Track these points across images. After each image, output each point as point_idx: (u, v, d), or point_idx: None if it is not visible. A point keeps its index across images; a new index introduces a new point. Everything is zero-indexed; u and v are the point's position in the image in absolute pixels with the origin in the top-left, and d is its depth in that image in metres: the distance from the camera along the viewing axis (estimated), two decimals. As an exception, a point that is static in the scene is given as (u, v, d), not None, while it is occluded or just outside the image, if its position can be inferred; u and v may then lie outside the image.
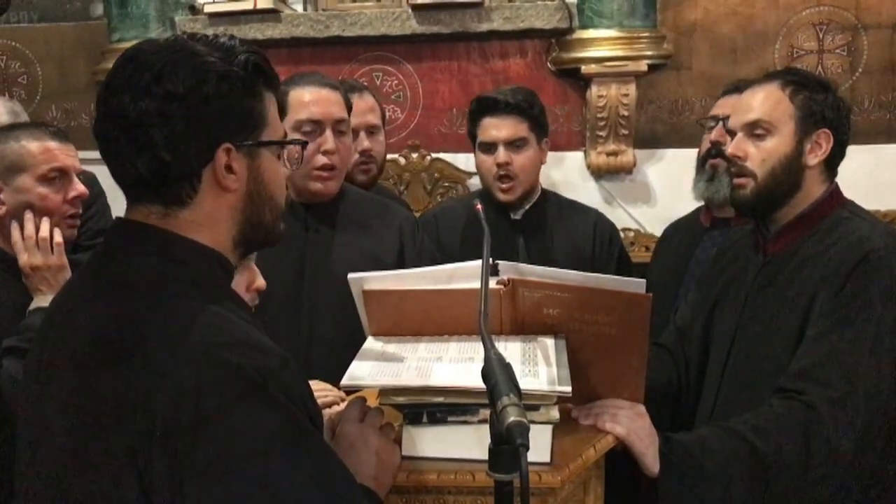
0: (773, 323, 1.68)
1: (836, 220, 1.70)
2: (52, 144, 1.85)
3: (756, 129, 1.71)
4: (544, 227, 2.48)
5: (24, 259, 1.79)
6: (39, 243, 1.80)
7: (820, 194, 1.73)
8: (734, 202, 1.79)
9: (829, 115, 1.70)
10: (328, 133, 1.96)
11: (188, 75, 1.03)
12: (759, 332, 1.71)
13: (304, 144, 1.28)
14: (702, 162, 2.39)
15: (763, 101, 1.72)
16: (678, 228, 2.57)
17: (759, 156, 1.71)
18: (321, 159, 1.96)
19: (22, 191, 1.82)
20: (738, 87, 2.26)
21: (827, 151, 1.70)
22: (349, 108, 2.07)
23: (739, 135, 1.74)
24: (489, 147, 2.39)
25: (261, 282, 1.55)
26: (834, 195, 1.74)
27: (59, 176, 1.85)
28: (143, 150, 1.03)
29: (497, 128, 2.37)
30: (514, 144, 2.38)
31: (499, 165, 2.36)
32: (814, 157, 1.70)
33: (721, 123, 2.26)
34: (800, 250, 1.70)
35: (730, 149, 1.75)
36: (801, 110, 1.69)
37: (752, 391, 1.67)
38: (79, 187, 1.88)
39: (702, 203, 2.45)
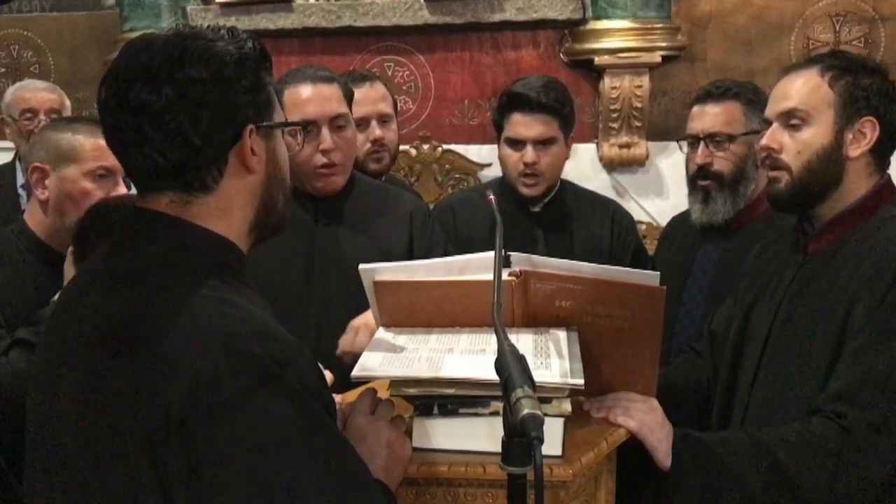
0: (808, 329, 1.56)
1: (883, 218, 1.56)
2: (104, 143, 1.88)
3: (791, 119, 1.60)
4: (564, 219, 2.44)
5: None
6: None
7: (866, 189, 1.59)
8: (769, 196, 1.69)
9: (875, 101, 1.56)
10: (325, 132, 1.94)
11: (208, 59, 1.04)
12: (793, 337, 1.59)
13: (304, 129, 1.27)
14: (692, 183, 2.27)
15: (800, 88, 1.60)
16: (682, 223, 2.42)
17: (795, 147, 1.59)
18: (320, 159, 1.94)
19: (67, 181, 1.86)
20: (710, 93, 2.20)
21: (872, 141, 1.57)
22: (350, 97, 2.05)
23: (775, 125, 1.63)
24: (516, 143, 2.34)
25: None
26: (884, 190, 1.60)
27: (105, 174, 1.89)
28: (172, 137, 1.03)
29: (527, 126, 2.31)
30: (543, 143, 2.33)
31: (526, 164, 2.32)
32: (856, 148, 1.57)
33: (703, 144, 2.18)
34: (841, 250, 1.57)
35: (764, 140, 1.65)
36: (841, 97, 1.56)
37: (783, 400, 1.57)
38: (121, 189, 1.92)
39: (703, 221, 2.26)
